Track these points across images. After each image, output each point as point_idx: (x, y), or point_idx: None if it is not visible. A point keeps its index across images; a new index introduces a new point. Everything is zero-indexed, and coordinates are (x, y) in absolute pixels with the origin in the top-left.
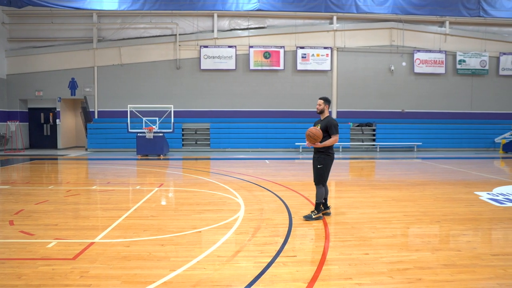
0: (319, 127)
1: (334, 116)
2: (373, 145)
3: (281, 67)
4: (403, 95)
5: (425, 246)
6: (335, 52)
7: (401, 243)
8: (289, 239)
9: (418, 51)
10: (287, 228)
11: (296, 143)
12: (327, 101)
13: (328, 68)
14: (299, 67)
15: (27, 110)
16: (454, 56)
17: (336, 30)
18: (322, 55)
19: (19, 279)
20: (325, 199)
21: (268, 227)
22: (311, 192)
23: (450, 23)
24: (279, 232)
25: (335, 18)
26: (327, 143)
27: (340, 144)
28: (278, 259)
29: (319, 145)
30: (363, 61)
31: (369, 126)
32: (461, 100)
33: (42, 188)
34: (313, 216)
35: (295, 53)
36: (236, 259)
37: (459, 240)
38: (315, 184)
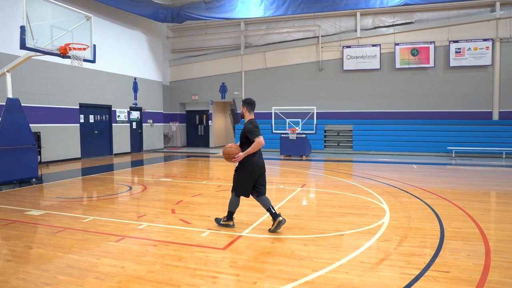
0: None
1: (495, 118)
2: None
3: (431, 64)
4: None
5: None
6: (497, 44)
7: None
8: (440, 252)
9: None
10: (438, 240)
11: (448, 147)
12: (245, 103)
13: (489, 62)
14: (452, 63)
15: (185, 113)
16: None
17: (499, 19)
18: (481, 48)
19: (179, 261)
20: (231, 212)
21: (416, 236)
22: (467, 202)
23: None
24: (428, 243)
25: (498, 4)
26: (250, 150)
27: (503, 150)
28: (427, 273)
29: (241, 157)
30: None
31: None
32: None
33: (197, 182)
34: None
35: (447, 48)
36: (380, 267)
37: None
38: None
